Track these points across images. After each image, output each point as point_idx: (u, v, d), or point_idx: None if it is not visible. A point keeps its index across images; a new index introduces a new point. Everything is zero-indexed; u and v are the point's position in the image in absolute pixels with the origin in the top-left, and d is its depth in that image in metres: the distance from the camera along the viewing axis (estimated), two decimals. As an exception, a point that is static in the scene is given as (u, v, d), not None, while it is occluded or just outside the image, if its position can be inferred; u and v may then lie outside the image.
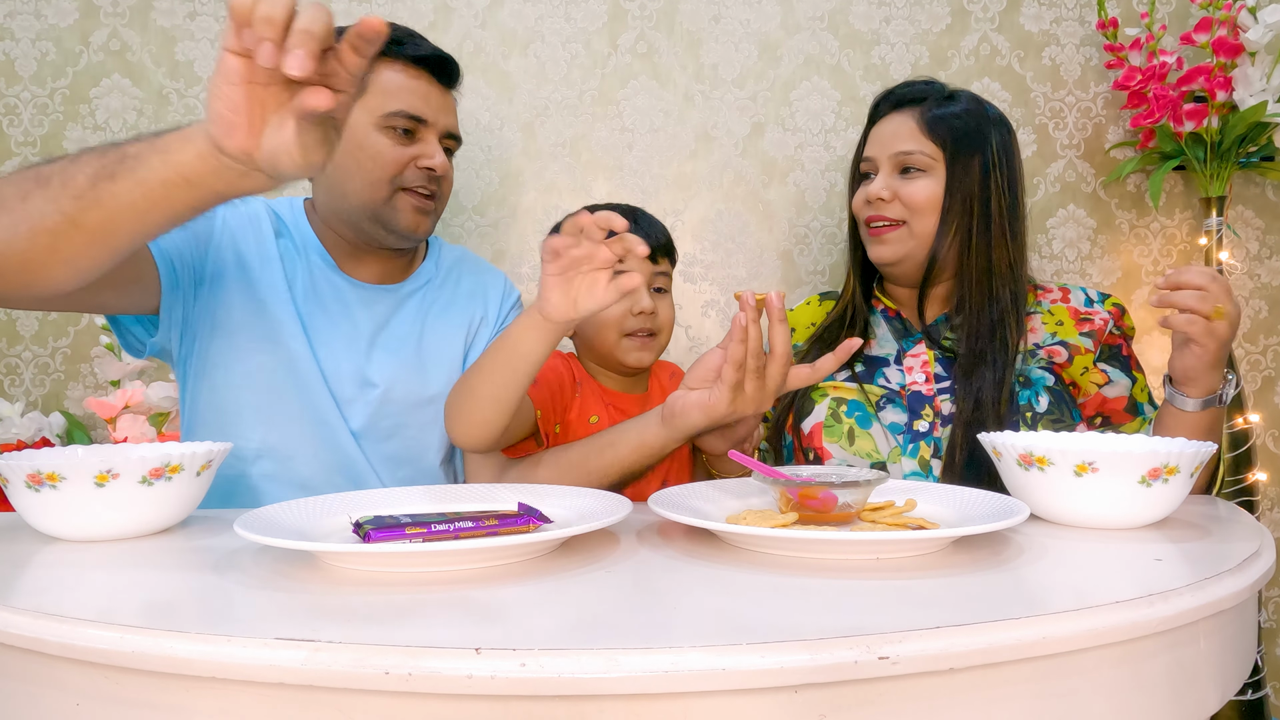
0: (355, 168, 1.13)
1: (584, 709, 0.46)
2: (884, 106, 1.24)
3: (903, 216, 1.17)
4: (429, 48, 1.16)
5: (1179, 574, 0.61)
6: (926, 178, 1.17)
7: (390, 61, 1.13)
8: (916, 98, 1.21)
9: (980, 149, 1.17)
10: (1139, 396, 1.18)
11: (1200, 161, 1.55)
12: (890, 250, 1.19)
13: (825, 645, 0.47)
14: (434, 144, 1.15)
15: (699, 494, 0.84)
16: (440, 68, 1.17)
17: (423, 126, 1.14)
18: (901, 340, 1.22)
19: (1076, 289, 1.24)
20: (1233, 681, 0.62)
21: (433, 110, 1.15)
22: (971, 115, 1.19)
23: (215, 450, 0.83)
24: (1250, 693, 1.53)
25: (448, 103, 1.19)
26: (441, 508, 0.81)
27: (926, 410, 1.14)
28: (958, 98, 1.21)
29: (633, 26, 1.65)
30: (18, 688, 0.54)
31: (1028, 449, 0.78)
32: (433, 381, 1.21)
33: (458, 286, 1.28)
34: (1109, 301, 1.22)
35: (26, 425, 1.51)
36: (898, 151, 1.18)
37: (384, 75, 1.13)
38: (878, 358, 1.21)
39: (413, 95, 1.13)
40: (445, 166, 1.16)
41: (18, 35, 1.61)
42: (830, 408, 1.16)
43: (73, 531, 0.76)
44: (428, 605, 0.56)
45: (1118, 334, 1.20)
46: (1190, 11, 1.64)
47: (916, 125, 1.18)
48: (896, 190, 1.17)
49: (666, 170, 1.67)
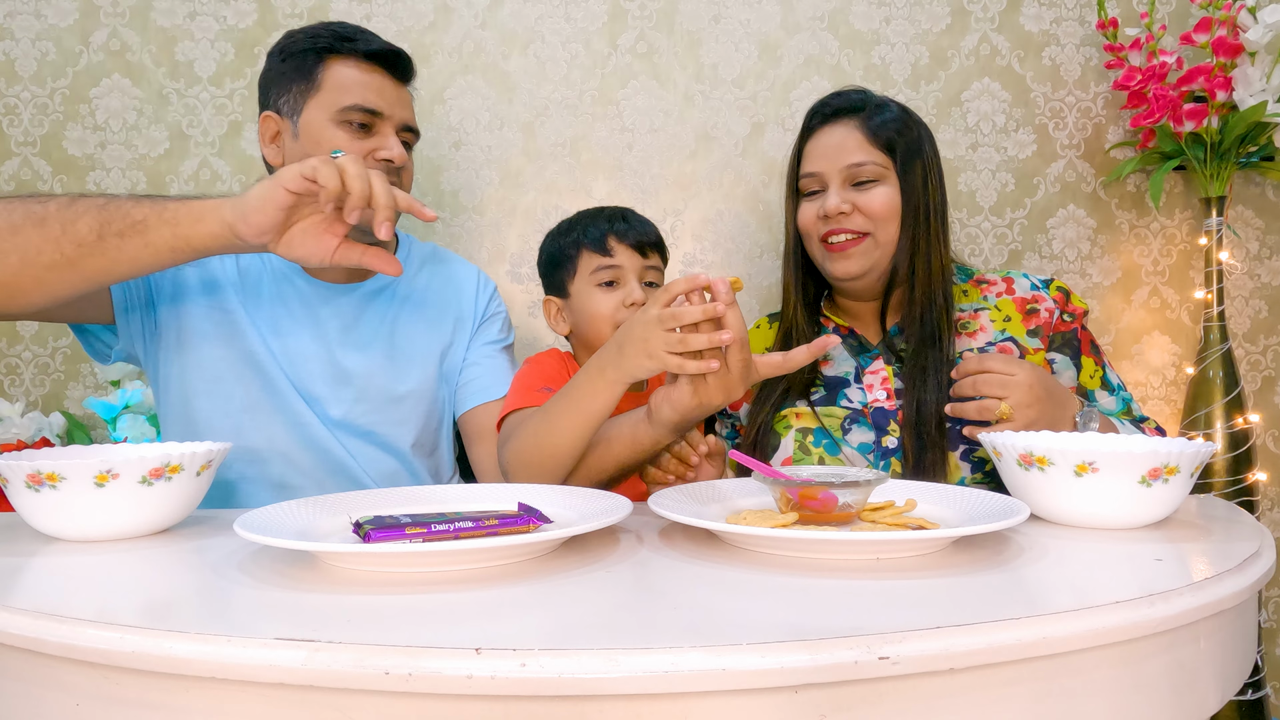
0: None
1: (584, 709, 0.46)
2: (818, 119, 1.20)
3: (865, 228, 1.15)
4: (380, 43, 1.17)
5: (1179, 574, 0.61)
6: (882, 186, 1.15)
7: (343, 58, 1.14)
8: (853, 108, 1.17)
9: (920, 154, 1.16)
10: (1087, 384, 1.16)
11: (1200, 161, 1.55)
12: (856, 264, 1.16)
13: (825, 645, 0.47)
14: (391, 136, 1.16)
15: (699, 494, 0.84)
16: (393, 62, 1.17)
17: (379, 120, 1.15)
18: (858, 357, 1.20)
19: (1019, 275, 1.22)
20: (1233, 681, 0.62)
21: (388, 103, 1.15)
22: (907, 121, 1.18)
23: (215, 450, 0.83)
24: (1250, 693, 1.53)
25: (403, 96, 1.19)
26: (442, 508, 0.81)
27: (892, 425, 1.12)
28: (889, 105, 1.19)
29: (633, 26, 1.65)
30: (18, 688, 0.54)
31: (1028, 449, 0.78)
32: (406, 378, 1.21)
33: (429, 283, 1.28)
34: (1053, 286, 1.20)
35: (26, 425, 1.51)
36: (849, 164, 1.15)
37: (338, 71, 1.14)
38: (837, 378, 1.19)
39: (367, 89, 1.14)
40: (403, 158, 1.16)
41: (18, 35, 1.61)
42: (796, 439, 1.14)
43: (73, 531, 0.76)
44: (428, 605, 0.56)
45: (1068, 320, 1.17)
46: (1190, 11, 1.64)
47: (863, 135, 1.15)
48: (855, 202, 1.15)
49: (666, 170, 1.67)
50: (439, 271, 1.30)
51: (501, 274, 1.67)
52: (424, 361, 1.23)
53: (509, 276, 1.67)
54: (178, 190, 1.63)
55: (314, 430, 1.15)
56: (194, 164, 1.63)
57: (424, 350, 1.24)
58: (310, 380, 1.16)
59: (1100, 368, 1.17)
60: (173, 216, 0.89)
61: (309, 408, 1.15)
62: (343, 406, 1.17)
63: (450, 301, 1.28)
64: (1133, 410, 1.15)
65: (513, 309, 1.67)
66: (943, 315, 1.14)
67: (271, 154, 1.18)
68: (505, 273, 1.67)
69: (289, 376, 1.15)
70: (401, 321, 1.23)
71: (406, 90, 1.21)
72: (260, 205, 0.88)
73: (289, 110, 1.15)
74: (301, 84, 1.14)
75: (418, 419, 1.22)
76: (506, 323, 1.34)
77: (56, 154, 1.62)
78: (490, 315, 1.31)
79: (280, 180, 0.87)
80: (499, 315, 1.32)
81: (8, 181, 1.62)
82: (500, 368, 1.27)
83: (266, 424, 1.14)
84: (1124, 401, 1.15)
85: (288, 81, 1.15)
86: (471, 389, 1.25)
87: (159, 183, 1.63)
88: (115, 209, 0.88)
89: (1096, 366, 1.17)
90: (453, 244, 1.65)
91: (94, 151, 1.62)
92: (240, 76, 1.63)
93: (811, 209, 1.18)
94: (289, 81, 1.15)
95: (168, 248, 0.89)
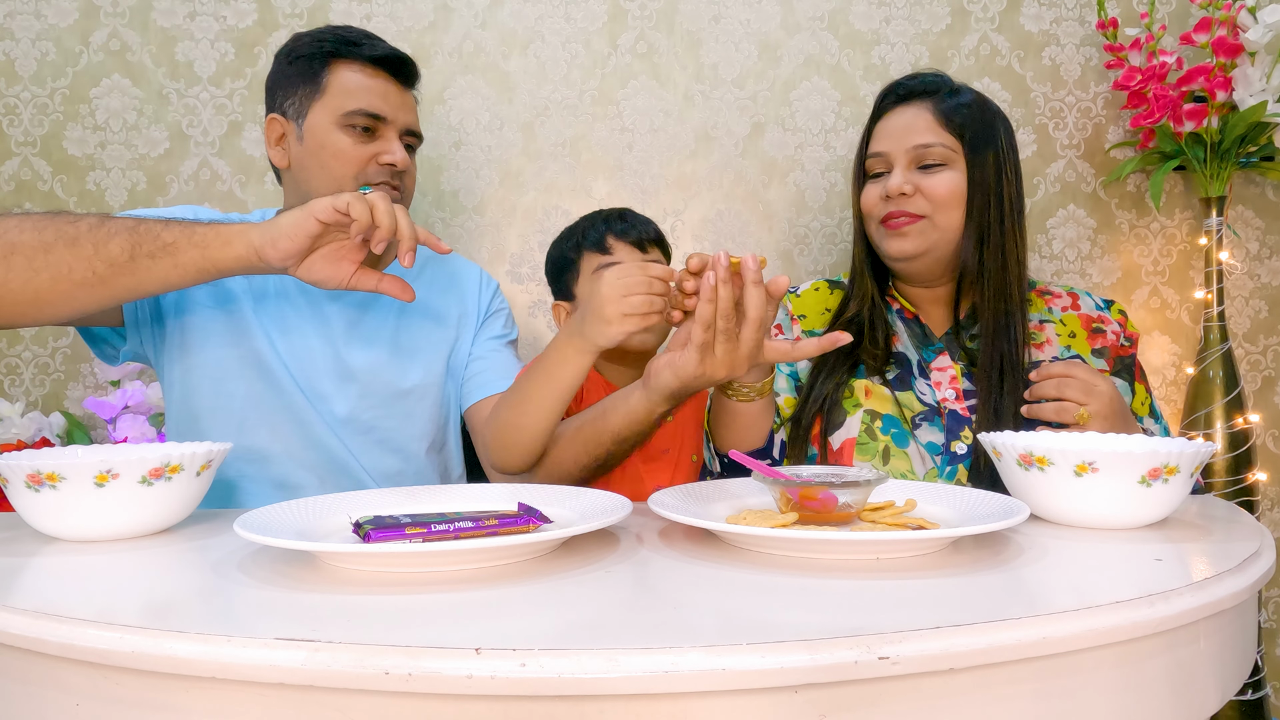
0: (319, 168, 1.14)
1: (584, 709, 0.46)
2: (891, 100, 1.18)
3: (925, 211, 1.12)
4: (385, 48, 1.18)
5: (1179, 574, 0.61)
6: (948, 171, 1.12)
7: (348, 62, 1.15)
8: (927, 90, 1.15)
9: (993, 142, 1.13)
10: (1138, 410, 1.15)
11: (1200, 161, 1.55)
12: (911, 243, 1.13)
13: (825, 645, 0.47)
14: (395, 140, 1.16)
15: (699, 494, 0.84)
16: (398, 67, 1.18)
17: (383, 124, 1.15)
18: (921, 349, 1.16)
19: (1083, 294, 1.21)
20: (1233, 681, 0.62)
21: (392, 108, 1.16)
22: (982, 108, 1.15)
23: (215, 450, 0.83)
24: (1250, 693, 1.53)
25: (407, 101, 1.20)
26: (441, 508, 0.81)
27: (965, 432, 1.09)
28: (964, 91, 1.17)
29: (633, 26, 1.65)
30: (18, 688, 0.54)
31: (1028, 449, 0.78)
32: (410, 374, 1.21)
33: (433, 281, 1.28)
34: (1114, 309, 1.19)
35: (26, 425, 1.51)
36: (916, 145, 1.12)
37: (343, 75, 1.15)
38: (906, 358, 1.15)
39: (371, 94, 1.15)
40: (406, 162, 1.17)
41: (18, 35, 1.61)
42: (864, 422, 1.10)
43: (73, 531, 0.76)
44: (428, 605, 0.56)
45: (1127, 345, 1.17)
46: (1190, 11, 1.64)
47: (933, 117, 1.13)
48: (918, 184, 1.12)
49: (666, 170, 1.67)
50: (441, 270, 1.30)
51: (501, 274, 1.67)
52: (428, 357, 1.24)
53: (509, 276, 1.67)
54: (177, 190, 1.63)
55: (317, 429, 1.15)
56: (194, 164, 1.63)
57: (428, 346, 1.24)
58: (316, 377, 1.16)
59: (1149, 396, 1.16)
60: (201, 240, 0.93)
61: (312, 405, 1.15)
62: (348, 403, 1.17)
63: (453, 298, 1.28)
64: None
65: (513, 309, 1.67)
66: (1018, 314, 1.11)
67: (277, 156, 1.18)
68: (505, 273, 1.67)
69: (293, 374, 1.15)
70: (406, 317, 1.24)
71: (411, 95, 1.22)
72: (291, 232, 0.92)
73: (294, 113, 1.16)
74: (307, 87, 1.15)
75: (423, 415, 1.22)
76: (509, 319, 1.34)
77: (56, 154, 1.62)
78: (494, 312, 1.31)
79: (312, 211, 0.91)
80: (502, 312, 1.33)
81: (8, 181, 1.62)
82: (506, 361, 1.27)
83: (269, 421, 1.14)
84: (1164, 431, 1.15)
85: (293, 85, 1.16)
86: (476, 382, 1.26)
87: (159, 183, 1.63)
88: (146, 231, 0.93)
89: (1146, 395, 1.16)
90: (453, 244, 1.65)
91: (94, 151, 1.62)
92: (240, 76, 1.63)
93: (875, 190, 1.16)
94: (294, 85, 1.16)
95: (195, 268, 0.94)
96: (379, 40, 1.19)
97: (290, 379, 1.15)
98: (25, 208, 1.61)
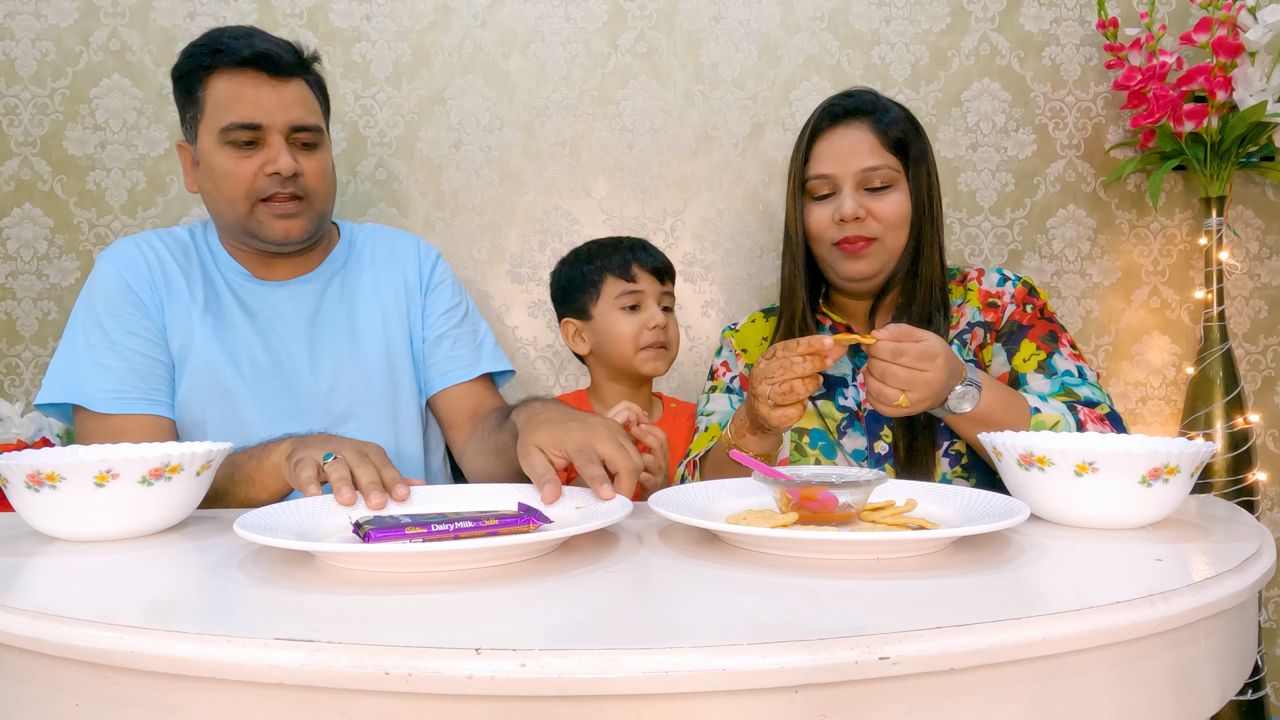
0: (214, 190, 1.13)
1: (584, 709, 0.46)
2: (827, 120, 1.17)
3: (876, 233, 1.14)
4: (249, 46, 1.09)
5: (1179, 574, 0.61)
6: (895, 192, 1.14)
7: (219, 72, 1.10)
8: (863, 109, 1.15)
9: (925, 158, 1.16)
10: (1020, 367, 1.12)
11: (1200, 161, 1.55)
12: (867, 265, 1.15)
13: (825, 645, 0.47)
14: (278, 146, 1.11)
15: (699, 494, 0.84)
16: (265, 62, 1.10)
17: (260, 131, 1.10)
18: (855, 357, 1.19)
19: (990, 270, 1.22)
20: (1233, 681, 0.62)
21: (266, 112, 1.10)
22: (913, 124, 1.17)
23: (215, 450, 0.83)
24: (1250, 693, 1.53)
25: (289, 95, 1.12)
26: (442, 508, 0.81)
27: (885, 431, 1.12)
28: (893, 107, 1.17)
29: (633, 26, 1.65)
30: (18, 688, 0.54)
31: (1028, 449, 0.78)
32: (370, 357, 1.21)
33: (375, 261, 1.27)
34: (1020, 283, 1.19)
35: (26, 425, 1.51)
36: (864, 168, 1.13)
37: (215, 88, 1.10)
38: (835, 376, 1.18)
39: (240, 103, 1.09)
40: (292, 166, 1.10)
41: (18, 35, 1.61)
42: (793, 439, 1.13)
43: (73, 531, 0.76)
44: (428, 605, 0.56)
45: (1029, 311, 1.16)
46: (1190, 11, 1.64)
47: (875, 138, 1.14)
48: (869, 208, 1.13)
49: (666, 170, 1.67)
50: (381, 246, 1.30)
51: (501, 274, 1.67)
52: (384, 338, 1.23)
53: (509, 276, 1.67)
54: (177, 190, 1.63)
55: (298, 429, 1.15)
56: (194, 164, 1.63)
57: (382, 326, 1.24)
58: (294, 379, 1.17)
59: (1043, 353, 1.13)
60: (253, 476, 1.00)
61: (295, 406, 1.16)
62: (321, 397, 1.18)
63: (396, 273, 1.27)
64: (1076, 392, 1.08)
65: (513, 308, 1.67)
66: (940, 316, 1.14)
67: (189, 183, 1.17)
68: (505, 272, 1.67)
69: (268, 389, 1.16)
70: (357, 303, 1.24)
71: (294, 85, 1.13)
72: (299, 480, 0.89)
73: (190, 137, 1.14)
74: (191, 109, 1.13)
75: (395, 394, 1.22)
76: (456, 286, 1.32)
77: (56, 154, 1.62)
78: (437, 283, 1.29)
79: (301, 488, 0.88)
80: (445, 281, 1.30)
81: (8, 181, 1.62)
82: (462, 344, 1.27)
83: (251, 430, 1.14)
84: (1061, 385, 1.09)
85: (183, 107, 1.14)
86: (435, 371, 1.25)
87: (159, 182, 1.63)
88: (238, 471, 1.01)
89: (1039, 350, 1.13)
90: (453, 244, 1.65)
91: (94, 151, 1.62)
92: (240, 76, 1.63)
93: (824, 212, 1.16)
94: (183, 107, 1.14)
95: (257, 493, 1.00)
96: (250, 38, 1.11)
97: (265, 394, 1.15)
98: (25, 208, 1.62)
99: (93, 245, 1.62)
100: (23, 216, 1.62)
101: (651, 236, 1.64)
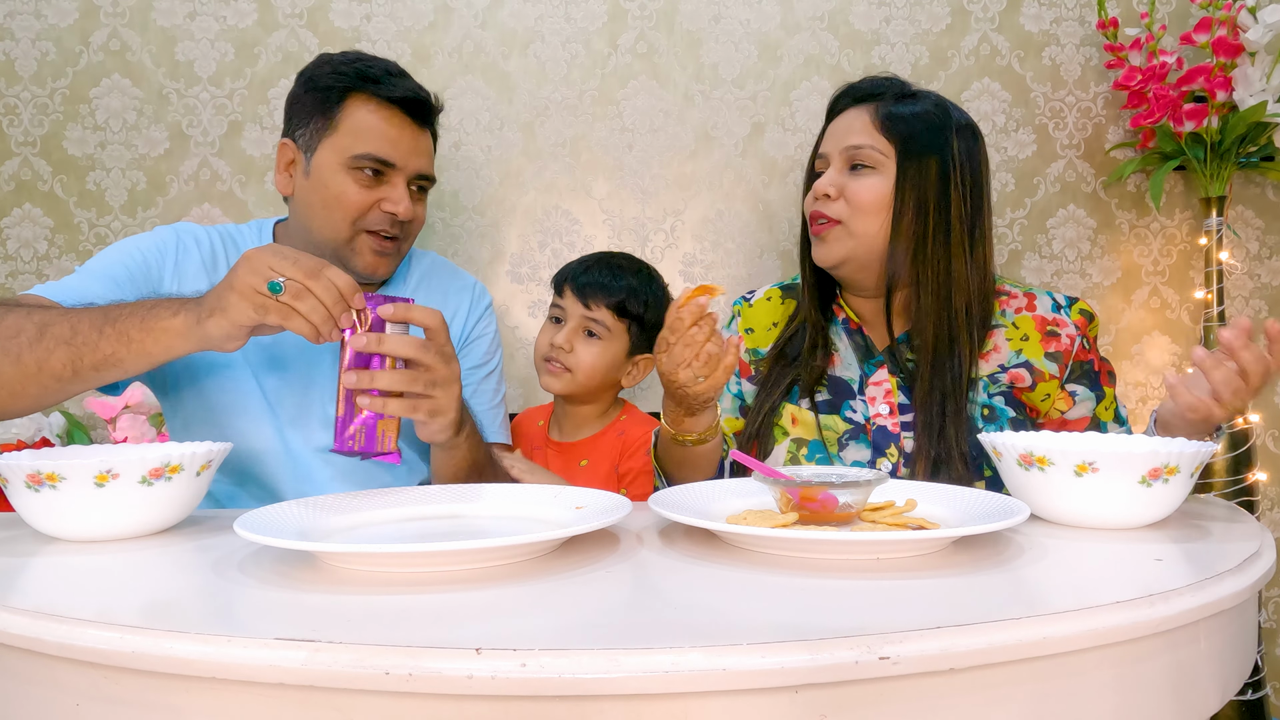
0: (320, 206, 1.12)
1: (584, 709, 0.46)
2: (842, 102, 1.15)
3: (841, 215, 1.08)
4: (403, 88, 1.13)
5: (1179, 574, 0.61)
6: (875, 175, 1.08)
7: (364, 99, 1.11)
8: (874, 93, 1.12)
9: (938, 151, 1.08)
10: (1102, 415, 1.10)
11: (1200, 161, 1.55)
12: (828, 250, 1.10)
13: (825, 645, 0.47)
14: (401, 188, 1.13)
15: (699, 494, 0.84)
16: (415, 108, 1.14)
17: (391, 170, 1.12)
18: (864, 364, 1.13)
19: (1043, 294, 1.14)
20: (1233, 681, 0.62)
21: (402, 154, 1.13)
22: (931, 115, 1.10)
23: (215, 450, 0.83)
24: (1250, 693, 1.53)
25: (421, 144, 1.16)
26: (443, 508, 0.81)
27: (891, 450, 1.06)
28: (920, 97, 1.12)
29: (633, 26, 1.65)
30: (18, 688, 0.54)
31: (1028, 449, 0.78)
32: None
33: (429, 297, 1.26)
34: (1076, 308, 1.12)
35: (26, 425, 1.51)
36: (849, 145, 1.10)
37: (357, 114, 1.11)
38: (843, 383, 1.12)
39: (382, 139, 1.11)
40: (410, 212, 1.14)
41: (18, 35, 1.61)
42: (790, 451, 1.08)
43: (73, 531, 0.76)
44: (428, 605, 0.56)
45: (1087, 348, 1.10)
46: (1190, 11, 1.64)
47: (870, 120, 1.10)
48: (843, 187, 1.09)
49: (666, 170, 1.67)
50: (436, 287, 1.29)
51: (501, 274, 1.67)
52: None
53: (509, 276, 1.67)
54: (177, 190, 1.63)
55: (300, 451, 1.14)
56: (194, 164, 1.63)
57: None
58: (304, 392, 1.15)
59: (1114, 400, 1.12)
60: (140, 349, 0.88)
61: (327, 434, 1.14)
62: None
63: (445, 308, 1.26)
64: None
65: (512, 309, 1.67)
66: (961, 331, 1.07)
67: (282, 182, 1.16)
68: (505, 272, 1.67)
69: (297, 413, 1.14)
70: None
71: (427, 135, 1.18)
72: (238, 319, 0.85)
73: (305, 145, 1.13)
74: (320, 120, 1.12)
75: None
76: (494, 343, 1.32)
77: (56, 154, 1.62)
78: (476, 336, 1.29)
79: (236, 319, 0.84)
80: (485, 336, 1.30)
81: (8, 181, 1.62)
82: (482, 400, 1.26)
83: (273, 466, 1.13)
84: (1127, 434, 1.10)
85: (308, 114, 1.13)
86: None
87: (159, 182, 1.63)
88: (83, 343, 0.88)
89: (1112, 399, 1.12)
90: (453, 244, 1.65)
91: (94, 151, 1.62)
92: (240, 76, 1.63)
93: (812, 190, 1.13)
94: (309, 115, 1.13)
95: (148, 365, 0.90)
96: (401, 77, 1.15)
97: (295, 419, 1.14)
98: (25, 208, 1.62)
99: (92, 245, 1.62)
100: (23, 216, 1.63)
101: (651, 236, 1.65)
